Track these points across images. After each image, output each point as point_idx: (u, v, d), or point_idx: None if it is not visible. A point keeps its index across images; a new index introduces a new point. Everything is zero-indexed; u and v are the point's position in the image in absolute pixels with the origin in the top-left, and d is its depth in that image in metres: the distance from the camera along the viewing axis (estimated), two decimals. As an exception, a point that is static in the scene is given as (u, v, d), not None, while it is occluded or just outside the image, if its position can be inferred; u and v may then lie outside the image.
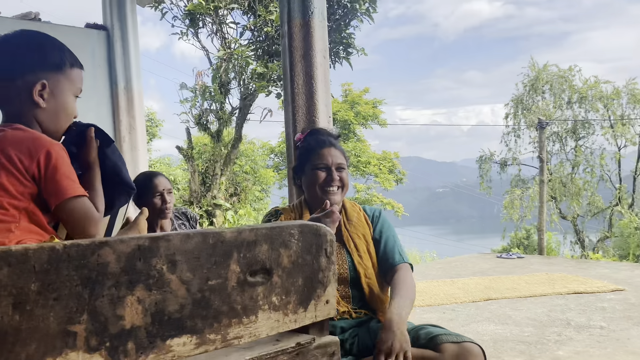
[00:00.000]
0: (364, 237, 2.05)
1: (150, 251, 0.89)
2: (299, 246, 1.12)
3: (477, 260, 8.27)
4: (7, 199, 1.22)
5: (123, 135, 3.88)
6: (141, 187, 2.71)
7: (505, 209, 19.14)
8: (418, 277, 6.85)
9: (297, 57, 2.65)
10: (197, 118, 10.01)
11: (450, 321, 4.53)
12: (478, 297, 5.34)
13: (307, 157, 2.05)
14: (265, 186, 18.13)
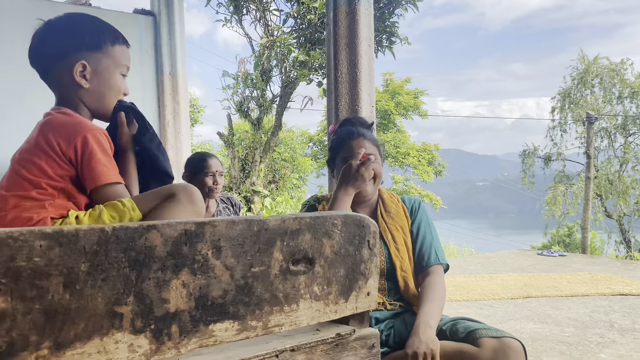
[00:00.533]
0: (402, 229, 2.01)
1: (196, 236, 0.90)
2: (342, 237, 1.11)
3: (516, 257, 8.09)
4: (45, 179, 1.28)
5: (167, 120, 3.94)
6: (195, 166, 2.86)
7: (547, 206, 18.65)
8: (456, 271, 6.76)
9: (341, 45, 2.63)
10: (238, 105, 10.10)
11: (488, 317, 4.46)
12: (517, 294, 5.22)
13: (338, 150, 2.03)
14: (303, 174, 18.20)
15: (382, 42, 9.69)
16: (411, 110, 23.64)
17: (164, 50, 3.94)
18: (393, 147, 22.05)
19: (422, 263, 1.98)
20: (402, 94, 23.23)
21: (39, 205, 1.27)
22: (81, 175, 1.30)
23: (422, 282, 1.95)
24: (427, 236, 2.03)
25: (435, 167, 23.36)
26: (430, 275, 1.95)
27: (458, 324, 1.86)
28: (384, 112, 21.10)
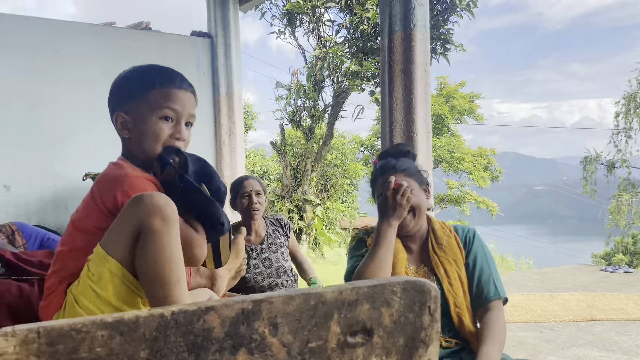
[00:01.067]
0: (455, 263, 1.93)
1: (254, 314, 0.89)
2: (402, 304, 1.07)
3: (578, 273, 7.74)
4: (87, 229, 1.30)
5: (223, 139, 4.01)
6: (233, 189, 2.93)
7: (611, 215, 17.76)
8: (513, 288, 6.54)
9: (396, 71, 2.58)
10: (290, 115, 10.19)
11: (549, 342, 4.27)
12: (579, 317, 4.98)
13: (374, 186, 1.97)
14: (354, 179, 18.11)
15: (436, 49, 9.53)
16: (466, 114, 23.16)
17: (220, 72, 4.02)
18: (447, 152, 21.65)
19: (481, 298, 1.90)
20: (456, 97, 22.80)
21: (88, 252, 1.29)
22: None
23: (481, 318, 1.88)
24: (485, 269, 1.94)
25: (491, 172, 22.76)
26: (490, 311, 1.87)
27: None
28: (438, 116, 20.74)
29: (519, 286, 6.69)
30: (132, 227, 1.14)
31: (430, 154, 2.60)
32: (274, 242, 2.99)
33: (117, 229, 1.17)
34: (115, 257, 1.16)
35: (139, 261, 1.15)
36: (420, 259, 1.97)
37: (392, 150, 2.08)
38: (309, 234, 10.10)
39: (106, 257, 1.16)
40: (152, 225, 1.12)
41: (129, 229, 1.15)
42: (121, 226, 1.17)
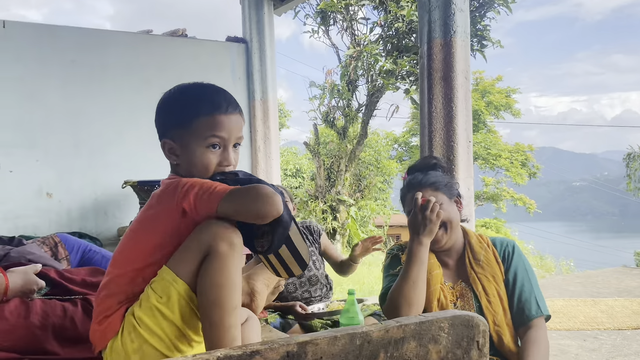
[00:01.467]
0: (494, 279, 1.85)
1: (299, 357, 0.87)
2: (449, 340, 1.03)
3: (621, 276, 7.47)
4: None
5: (258, 144, 4.02)
6: None
7: (657, 212, 17.10)
8: (554, 293, 6.36)
9: (436, 79, 2.53)
10: (324, 115, 10.17)
11: (593, 352, 4.13)
12: (625, 325, 4.80)
13: (403, 201, 1.92)
14: (387, 177, 17.95)
15: (472, 45, 9.35)
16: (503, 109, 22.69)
17: (255, 77, 4.03)
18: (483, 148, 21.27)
19: (522, 316, 1.83)
20: (493, 92, 22.36)
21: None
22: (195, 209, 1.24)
23: (522, 336, 1.81)
24: (526, 285, 1.86)
25: (529, 168, 22.24)
26: (532, 329, 1.80)
27: None
28: (474, 112, 20.35)
29: (560, 290, 6.50)
30: (200, 251, 1.20)
31: (471, 164, 2.54)
32: None
33: (186, 251, 1.23)
34: (183, 279, 1.21)
35: (201, 282, 1.20)
36: (458, 274, 1.91)
37: (419, 164, 2.02)
38: (343, 234, 10.07)
39: (175, 279, 1.21)
40: (219, 249, 1.18)
41: (197, 252, 1.21)
42: (190, 249, 1.22)
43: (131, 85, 3.85)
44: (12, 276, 1.41)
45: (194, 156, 1.32)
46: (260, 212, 1.19)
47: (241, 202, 1.19)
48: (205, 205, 1.22)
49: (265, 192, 1.19)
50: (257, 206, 1.18)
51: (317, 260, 2.99)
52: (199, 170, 1.32)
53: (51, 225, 3.54)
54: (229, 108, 1.34)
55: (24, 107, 3.54)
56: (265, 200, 1.18)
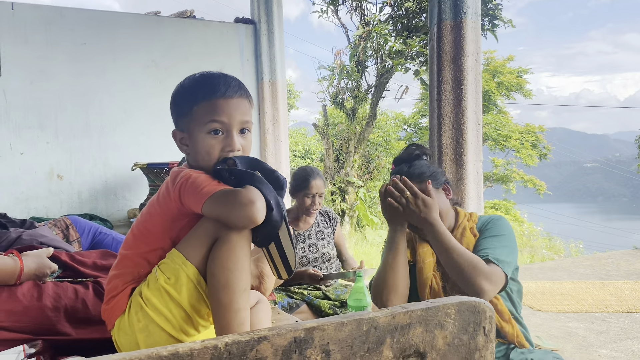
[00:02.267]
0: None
1: (306, 342, 0.88)
2: (455, 326, 1.04)
3: (631, 259, 7.44)
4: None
5: (267, 127, 4.01)
6: (299, 183, 2.99)
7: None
8: (563, 275, 6.36)
9: (445, 61, 2.50)
10: (333, 96, 10.10)
11: (600, 334, 4.14)
12: (634, 307, 4.80)
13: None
14: (396, 158, 17.84)
15: (484, 25, 9.21)
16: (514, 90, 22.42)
17: (263, 59, 4.00)
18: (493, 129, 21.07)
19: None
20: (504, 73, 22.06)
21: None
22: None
23: None
24: (490, 238, 1.79)
25: (539, 149, 22.04)
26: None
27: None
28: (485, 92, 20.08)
29: (569, 273, 6.49)
30: (210, 235, 1.23)
31: (480, 147, 2.52)
32: (322, 230, 3.10)
33: (196, 235, 1.25)
34: (193, 262, 1.24)
35: (211, 266, 1.22)
36: None
37: (404, 155, 1.99)
38: (352, 215, 10.09)
39: (185, 262, 1.24)
40: (228, 234, 1.21)
41: (206, 236, 1.23)
42: (200, 234, 1.25)
43: (140, 67, 3.85)
44: (26, 260, 1.44)
45: (197, 144, 1.32)
46: (238, 221, 1.19)
47: (221, 209, 1.20)
48: (192, 204, 1.24)
49: (244, 200, 1.17)
50: (235, 214, 1.18)
51: (332, 242, 3.10)
52: (203, 158, 1.32)
53: (62, 207, 3.58)
54: (228, 91, 1.31)
55: (34, 88, 3.56)
56: (243, 209, 1.16)
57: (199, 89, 1.32)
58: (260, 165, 1.34)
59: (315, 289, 2.99)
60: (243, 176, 1.26)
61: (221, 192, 1.21)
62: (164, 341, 1.25)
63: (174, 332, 1.25)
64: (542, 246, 11.13)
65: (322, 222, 3.14)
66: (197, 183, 1.24)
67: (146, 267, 1.30)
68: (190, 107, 1.32)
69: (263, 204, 1.20)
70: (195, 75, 1.39)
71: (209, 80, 1.34)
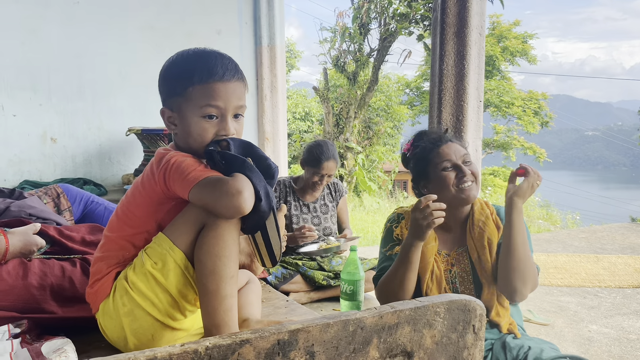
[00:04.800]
0: (489, 245, 1.83)
1: (290, 345, 0.86)
2: (444, 324, 1.02)
3: (627, 232, 7.47)
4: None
5: (265, 93, 3.93)
6: (311, 160, 2.97)
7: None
8: (558, 247, 6.39)
9: (449, 34, 2.42)
10: (334, 59, 9.92)
11: (592, 309, 4.18)
12: (626, 283, 4.84)
13: (427, 161, 1.85)
14: (397, 123, 17.73)
15: (491, -10, 8.96)
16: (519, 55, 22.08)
17: (262, 22, 3.89)
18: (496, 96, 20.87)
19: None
20: (509, 38, 21.69)
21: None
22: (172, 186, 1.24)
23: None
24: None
25: (541, 117, 21.88)
26: None
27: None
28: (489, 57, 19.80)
29: (564, 245, 6.53)
30: (198, 221, 1.20)
31: (481, 125, 2.47)
32: (326, 204, 3.13)
33: (184, 220, 1.22)
34: (180, 247, 1.21)
35: (199, 252, 1.20)
36: (458, 240, 1.89)
37: (429, 131, 1.98)
38: (350, 181, 10.07)
39: (172, 247, 1.21)
40: (216, 220, 1.18)
41: (194, 222, 1.21)
42: (188, 219, 1.22)
43: (135, 28, 3.73)
44: (11, 238, 1.41)
45: (189, 126, 1.27)
46: (225, 211, 1.16)
47: (207, 198, 1.16)
48: (178, 189, 1.20)
49: (232, 190, 1.13)
50: (222, 204, 1.14)
51: (334, 216, 3.12)
52: (195, 140, 1.28)
53: (56, 171, 3.54)
54: (225, 74, 1.26)
55: (26, 49, 3.46)
56: (230, 198, 1.13)
57: (195, 70, 1.26)
58: (253, 151, 1.30)
59: (310, 260, 3.00)
60: (234, 162, 1.23)
61: (207, 180, 1.17)
62: (149, 325, 1.24)
63: (159, 317, 1.24)
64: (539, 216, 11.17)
65: (327, 194, 3.18)
66: (183, 168, 1.20)
67: (131, 251, 1.28)
68: (184, 87, 1.26)
69: (251, 193, 1.16)
70: (189, 52, 1.31)
71: (206, 61, 1.28)
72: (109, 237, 1.30)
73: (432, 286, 1.78)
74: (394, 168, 14.58)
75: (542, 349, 1.69)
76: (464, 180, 1.78)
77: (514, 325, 1.81)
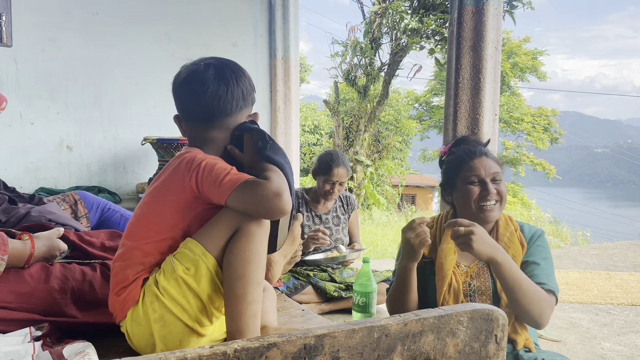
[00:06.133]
0: (514, 260, 1.83)
1: (315, 349, 0.86)
2: (467, 334, 1.02)
3: (639, 250, 7.40)
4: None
5: (278, 105, 3.96)
6: (323, 167, 3.00)
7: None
8: (569, 264, 6.34)
9: (465, 48, 2.43)
10: (345, 73, 9.98)
11: (604, 327, 4.13)
12: (639, 300, 4.78)
13: (457, 171, 1.84)
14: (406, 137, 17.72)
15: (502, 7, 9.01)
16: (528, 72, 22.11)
17: (277, 35, 3.93)
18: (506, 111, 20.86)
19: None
20: (519, 54, 21.74)
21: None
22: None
23: None
24: (544, 265, 1.83)
25: (551, 133, 21.83)
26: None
27: None
28: (498, 74, 19.80)
29: (575, 262, 6.47)
30: (230, 227, 1.22)
31: (496, 139, 2.47)
32: (338, 216, 3.14)
33: (216, 227, 1.24)
34: (212, 253, 1.23)
35: (229, 257, 1.22)
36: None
37: (471, 139, 1.95)
38: (359, 194, 10.08)
39: (205, 253, 1.23)
40: (248, 226, 1.21)
41: (226, 228, 1.23)
42: (219, 225, 1.24)
43: (152, 39, 3.79)
44: (36, 242, 1.42)
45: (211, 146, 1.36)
46: (267, 215, 1.21)
47: (248, 202, 1.19)
48: (214, 195, 1.22)
49: (271, 194, 1.17)
50: (264, 208, 1.18)
51: (346, 228, 3.13)
52: (214, 153, 1.35)
53: (71, 179, 3.58)
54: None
55: (45, 57, 3.52)
56: (272, 202, 1.17)
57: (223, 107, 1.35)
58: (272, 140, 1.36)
59: (321, 271, 2.99)
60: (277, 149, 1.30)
61: (246, 185, 1.19)
62: (179, 331, 1.24)
63: (189, 322, 1.24)
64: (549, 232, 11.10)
65: (340, 207, 3.18)
66: (216, 172, 1.22)
67: (157, 257, 1.29)
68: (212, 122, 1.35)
69: (289, 194, 1.20)
70: (210, 78, 1.35)
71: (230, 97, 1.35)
72: (131, 245, 1.31)
73: (448, 299, 1.77)
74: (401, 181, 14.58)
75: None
76: (488, 199, 1.76)
77: (530, 341, 1.80)
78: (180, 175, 1.26)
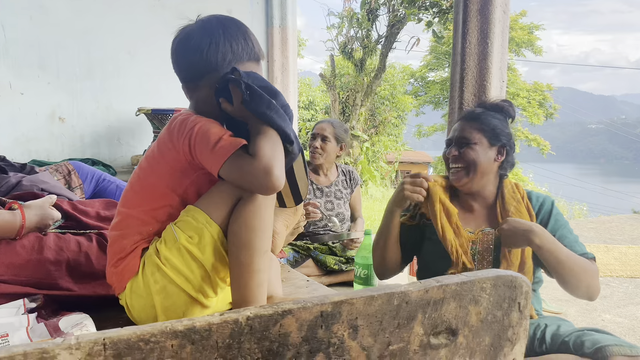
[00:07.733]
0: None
1: (333, 317, 0.80)
2: (490, 301, 0.96)
3: (636, 223, 7.42)
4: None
5: (276, 75, 3.86)
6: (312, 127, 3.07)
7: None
8: (566, 237, 6.33)
9: (472, 11, 2.34)
10: (342, 46, 9.80)
11: (604, 299, 4.13)
12: (637, 272, 4.79)
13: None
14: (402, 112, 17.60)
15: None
16: (524, 46, 21.94)
17: (274, 2, 3.80)
18: (501, 87, 20.75)
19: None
20: (515, 28, 21.52)
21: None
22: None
23: None
24: (572, 234, 1.75)
25: (546, 109, 21.78)
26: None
27: (584, 335, 1.64)
28: (494, 49, 19.62)
29: (572, 235, 6.46)
30: (234, 194, 1.17)
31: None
32: (340, 190, 3.07)
33: (219, 194, 1.19)
34: (217, 221, 1.17)
35: (234, 225, 1.17)
36: (484, 221, 1.83)
37: (490, 101, 1.90)
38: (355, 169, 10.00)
39: (209, 221, 1.17)
40: (254, 194, 1.15)
41: (230, 195, 1.17)
42: (223, 192, 1.18)
43: (144, 6, 3.66)
44: (28, 212, 1.34)
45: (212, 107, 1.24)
46: (258, 191, 1.14)
47: (237, 179, 1.12)
48: (206, 162, 1.15)
49: (260, 172, 1.08)
50: (254, 185, 1.11)
51: (347, 203, 3.07)
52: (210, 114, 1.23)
53: (64, 151, 3.48)
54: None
55: (34, 24, 3.38)
56: (262, 179, 1.08)
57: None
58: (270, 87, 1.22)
59: (321, 244, 2.95)
60: (260, 100, 1.15)
61: (234, 159, 1.10)
62: (182, 303, 1.18)
63: (193, 293, 1.18)
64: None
65: (342, 181, 3.12)
66: (209, 137, 1.13)
67: (155, 225, 1.22)
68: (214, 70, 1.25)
69: (282, 169, 1.11)
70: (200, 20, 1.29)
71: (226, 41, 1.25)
72: (127, 213, 1.24)
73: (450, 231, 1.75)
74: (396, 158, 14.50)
75: (558, 325, 1.65)
76: (450, 160, 1.77)
77: (532, 310, 1.76)
78: (175, 138, 1.19)
